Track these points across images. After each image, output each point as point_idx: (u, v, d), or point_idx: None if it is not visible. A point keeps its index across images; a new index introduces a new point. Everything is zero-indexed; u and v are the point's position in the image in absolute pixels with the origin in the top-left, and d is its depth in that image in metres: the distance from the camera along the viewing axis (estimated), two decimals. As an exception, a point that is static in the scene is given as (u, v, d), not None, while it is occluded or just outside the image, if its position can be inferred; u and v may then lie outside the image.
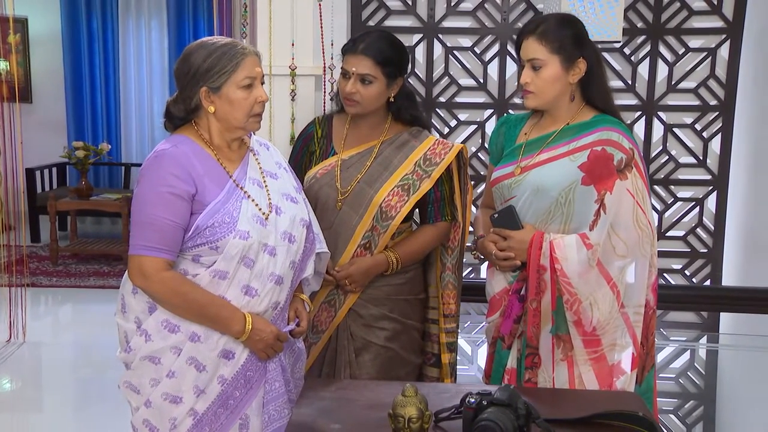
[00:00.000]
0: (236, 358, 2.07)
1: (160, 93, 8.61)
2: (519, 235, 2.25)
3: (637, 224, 2.18)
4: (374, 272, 2.47)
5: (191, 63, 2.04)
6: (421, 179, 2.48)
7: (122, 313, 2.13)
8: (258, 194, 2.11)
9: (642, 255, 2.19)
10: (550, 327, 2.22)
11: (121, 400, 2.18)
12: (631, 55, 4.14)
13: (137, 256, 2.00)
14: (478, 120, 4.27)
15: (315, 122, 2.64)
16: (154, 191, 2.00)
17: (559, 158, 2.26)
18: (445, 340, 2.59)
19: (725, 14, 4.07)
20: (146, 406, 2.07)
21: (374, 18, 4.16)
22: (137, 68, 8.58)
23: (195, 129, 2.12)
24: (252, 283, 2.05)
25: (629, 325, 2.20)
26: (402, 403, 1.60)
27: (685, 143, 4.18)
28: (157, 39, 8.56)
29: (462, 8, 4.17)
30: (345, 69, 2.47)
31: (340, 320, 2.51)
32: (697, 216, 4.22)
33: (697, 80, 4.14)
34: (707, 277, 4.23)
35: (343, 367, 2.50)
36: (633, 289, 2.20)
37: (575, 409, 1.79)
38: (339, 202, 2.48)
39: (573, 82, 2.26)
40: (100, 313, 5.96)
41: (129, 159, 8.64)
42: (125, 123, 8.66)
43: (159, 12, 8.47)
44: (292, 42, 2.99)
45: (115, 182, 8.65)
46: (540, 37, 2.22)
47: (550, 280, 2.20)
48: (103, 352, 4.99)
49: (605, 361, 2.20)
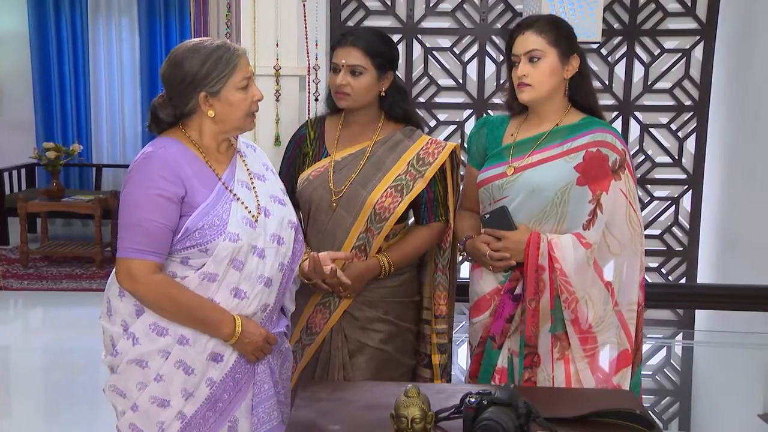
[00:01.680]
0: (225, 360, 2.06)
1: (132, 93, 8.51)
2: (515, 236, 2.26)
3: (629, 223, 2.23)
4: (367, 277, 2.46)
5: (186, 70, 2.01)
6: (414, 179, 2.46)
7: (108, 316, 2.11)
8: (246, 196, 2.10)
9: (633, 253, 2.24)
10: (549, 326, 2.25)
11: (92, 405, 2.16)
12: (608, 56, 4.19)
13: (125, 259, 1.98)
14: (457, 120, 4.29)
15: (307, 124, 2.62)
16: (143, 193, 1.98)
17: (554, 159, 2.28)
18: (435, 341, 2.57)
19: (699, 16, 4.13)
20: (133, 410, 2.05)
21: (353, 18, 4.16)
22: (108, 68, 8.46)
23: (182, 131, 2.10)
24: (241, 285, 2.04)
25: (623, 322, 2.24)
26: (405, 404, 1.60)
27: (661, 143, 4.24)
28: (128, 38, 8.44)
29: (441, 9, 4.18)
30: (335, 63, 2.46)
31: (334, 322, 2.50)
32: (673, 215, 4.27)
33: (672, 81, 4.19)
34: (683, 275, 4.29)
35: (337, 370, 2.48)
36: (626, 287, 2.25)
37: (572, 407, 1.81)
38: (333, 203, 2.46)
39: (567, 77, 2.30)
40: (73, 316, 5.89)
41: (100, 160, 8.52)
42: (96, 123, 8.54)
43: (129, 11, 8.36)
44: (276, 42, 2.99)
45: (85, 183, 8.53)
46: (539, 29, 2.26)
47: (549, 279, 2.22)
48: (75, 356, 4.93)
49: (601, 359, 2.23)
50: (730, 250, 4.08)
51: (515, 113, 2.43)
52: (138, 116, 8.48)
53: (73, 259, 7.09)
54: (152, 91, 8.36)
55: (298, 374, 2.50)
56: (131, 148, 8.54)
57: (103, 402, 2.18)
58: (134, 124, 8.53)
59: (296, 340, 2.53)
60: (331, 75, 2.49)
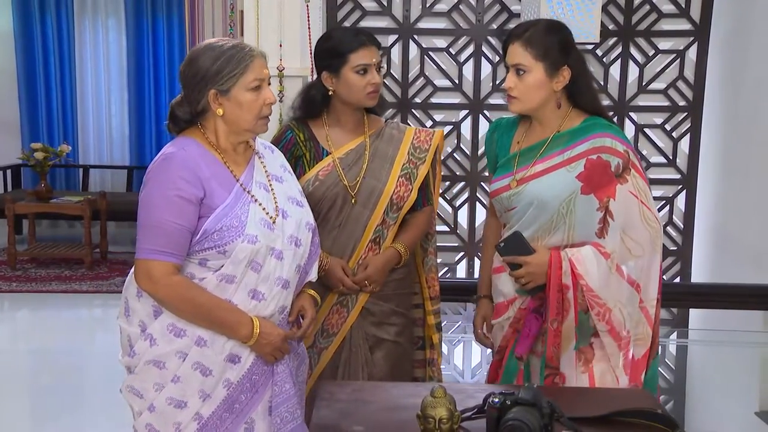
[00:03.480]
0: (242, 362, 2.06)
1: (119, 93, 8.46)
2: (536, 259, 2.23)
3: (646, 223, 2.22)
4: (389, 267, 2.51)
5: (199, 66, 2.02)
6: (417, 166, 2.54)
7: (125, 317, 2.10)
8: (265, 198, 2.09)
9: (654, 250, 2.24)
10: (573, 344, 2.23)
11: (81, 407, 2.14)
12: (603, 57, 4.22)
13: (145, 260, 1.98)
14: (453, 120, 4.31)
15: (291, 127, 2.58)
16: (162, 194, 1.97)
17: (556, 169, 2.26)
18: (433, 322, 2.67)
19: (693, 17, 4.18)
20: (150, 411, 2.04)
21: (350, 19, 4.16)
22: (94, 68, 8.41)
23: (201, 131, 2.09)
24: (259, 287, 2.04)
25: (648, 318, 2.25)
26: (432, 404, 1.61)
27: (656, 143, 4.28)
28: (115, 39, 8.39)
29: (437, 9, 4.20)
30: (363, 63, 2.44)
31: (353, 320, 2.51)
32: (668, 214, 4.31)
33: (667, 81, 4.24)
34: (677, 274, 4.34)
35: (361, 367, 2.50)
36: (650, 284, 2.25)
37: (591, 407, 1.82)
38: (353, 199, 2.48)
39: (557, 89, 2.26)
40: (62, 318, 5.85)
41: (87, 161, 8.46)
42: (82, 124, 8.48)
43: (116, 11, 8.31)
44: (279, 43, 2.98)
45: (72, 184, 8.47)
46: (526, 42, 2.22)
47: (573, 297, 2.19)
48: (65, 359, 4.89)
49: (633, 358, 2.24)
50: (724, 250, 4.12)
51: (523, 115, 2.41)
52: (125, 117, 8.43)
53: (61, 261, 7.04)
54: (139, 91, 8.33)
55: (314, 380, 2.48)
56: (118, 149, 8.50)
57: (91, 405, 2.17)
58: (121, 125, 8.48)
59: (310, 345, 2.52)
60: (353, 76, 2.45)
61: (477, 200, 4.33)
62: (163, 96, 8.29)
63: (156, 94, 8.34)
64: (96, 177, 8.48)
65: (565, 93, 2.29)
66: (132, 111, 8.38)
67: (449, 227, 4.37)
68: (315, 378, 2.50)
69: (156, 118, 8.30)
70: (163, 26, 8.23)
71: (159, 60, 8.30)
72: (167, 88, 8.28)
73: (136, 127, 8.40)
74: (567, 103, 2.31)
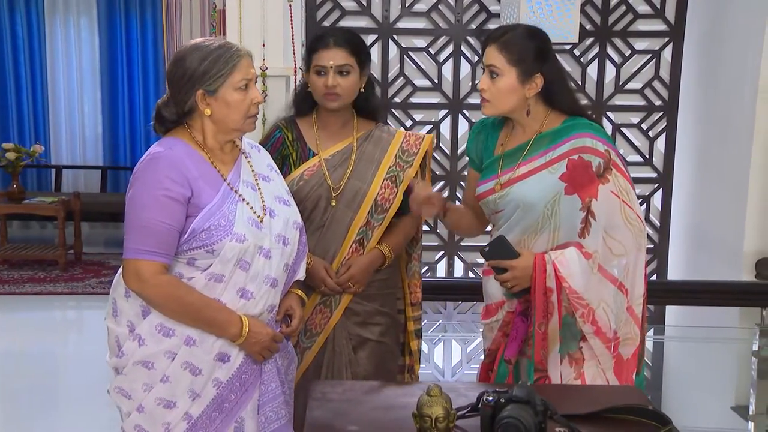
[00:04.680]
0: (232, 361, 2.06)
1: (92, 93, 8.37)
2: (521, 263, 2.22)
3: (628, 222, 2.22)
4: (373, 268, 2.50)
5: (186, 66, 2.01)
6: (404, 169, 2.54)
7: (113, 317, 2.09)
8: (252, 197, 2.10)
9: (638, 249, 2.25)
10: (558, 347, 2.25)
11: (56, 410, 2.13)
12: (581, 57, 4.26)
13: (133, 261, 1.97)
14: (433, 120, 4.32)
15: (280, 127, 2.58)
16: (150, 194, 1.97)
17: (539, 171, 2.27)
18: (413, 328, 2.66)
19: (668, 18, 4.23)
20: (138, 411, 2.04)
21: (329, 18, 4.16)
22: (67, 67, 8.32)
23: (188, 131, 2.09)
24: (248, 285, 2.05)
25: (635, 317, 2.26)
26: (428, 403, 1.61)
27: (632, 142, 4.33)
28: (87, 38, 8.30)
29: (416, 9, 4.21)
30: (320, 65, 2.45)
31: (337, 320, 2.51)
32: (644, 213, 4.36)
33: (643, 81, 4.29)
34: (654, 271, 4.39)
35: (344, 367, 2.50)
36: (635, 283, 2.26)
37: (582, 404, 1.83)
38: (333, 200, 2.48)
39: (529, 96, 2.26)
40: (36, 320, 5.77)
41: (59, 161, 8.36)
42: (54, 124, 8.38)
43: (88, 10, 8.22)
44: (262, 43, 2.98)
45: (44, 185, 8.37)
46: (502, 46, 2.23)
47: (557, 301, 2.21)
48: (39, 362, 4.83)
49: (622, 358, 2.25)
50: (699, 247, 4.18)
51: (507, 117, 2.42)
52: (98, 117, 8.35)
53: (34, 263, 6.95)
54: (113, 91, 8.25)
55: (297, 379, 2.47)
56: (91, 149, 8.41)
57: (66, 407, 2.14)
58: (94, 125, 8.39)
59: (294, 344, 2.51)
60: (313, 77, 2.47)
61: (457, 199, 4.35)
62: (137, 95, 8.23)
63: (130, 94, 8.28)
64: (69, 177, 8.38)
65: (541, 98, 2.29)
66: (105, 110, 8.31)
67: (429, 226, 4.37)
68: (298, 377, 2.48)
69: (130, 118, 8.22)
70: (137, 25, 8.17)
71: (132, 59, 8.24)
72: (141, 87, 8.23)
73: (109, 127, 8.32)
74: (545, 106, 2.31)
